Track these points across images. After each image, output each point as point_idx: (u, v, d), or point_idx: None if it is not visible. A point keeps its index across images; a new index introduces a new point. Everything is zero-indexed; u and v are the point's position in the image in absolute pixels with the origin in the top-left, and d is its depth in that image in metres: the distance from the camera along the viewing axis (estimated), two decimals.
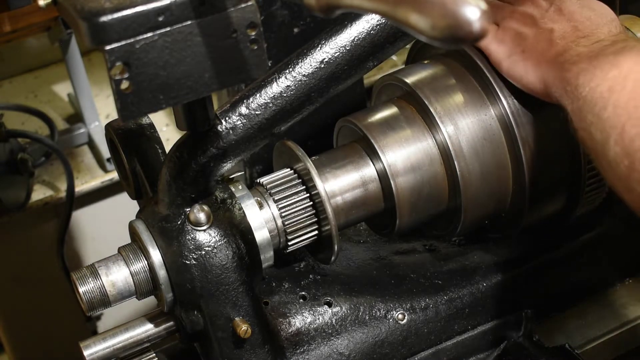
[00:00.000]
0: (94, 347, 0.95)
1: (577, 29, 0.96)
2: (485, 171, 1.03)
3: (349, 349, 1.03)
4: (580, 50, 0.92)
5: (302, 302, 1.05)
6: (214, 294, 0.92)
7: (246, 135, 0.91)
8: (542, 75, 0.96)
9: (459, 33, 0.59)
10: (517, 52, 0.99)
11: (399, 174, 1.02)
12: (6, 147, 1.80)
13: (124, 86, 0.73)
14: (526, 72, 0.98)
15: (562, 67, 0.92)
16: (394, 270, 1.11)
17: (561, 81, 0.92)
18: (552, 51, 0.95)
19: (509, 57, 1.00)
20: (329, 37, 0.95)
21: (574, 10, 0.98)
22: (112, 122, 1.00)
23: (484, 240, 1.16)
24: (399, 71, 1.11)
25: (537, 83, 0.97)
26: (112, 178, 1.94)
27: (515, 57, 0.99)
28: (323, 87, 0.94)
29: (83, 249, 2.06)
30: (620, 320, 1.12)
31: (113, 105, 1.53)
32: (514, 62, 0.99)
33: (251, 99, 0.92)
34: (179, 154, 0.90)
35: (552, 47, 0.95)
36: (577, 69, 0.89)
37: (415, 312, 1.06)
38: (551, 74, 0.94)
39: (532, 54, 0.97)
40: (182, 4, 0.72)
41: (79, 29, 0.71)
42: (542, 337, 1.09)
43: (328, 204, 0.97)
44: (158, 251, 0.92)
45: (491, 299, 1.09)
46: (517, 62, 0.99)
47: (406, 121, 1.05)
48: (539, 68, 0.96)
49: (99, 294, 0.91)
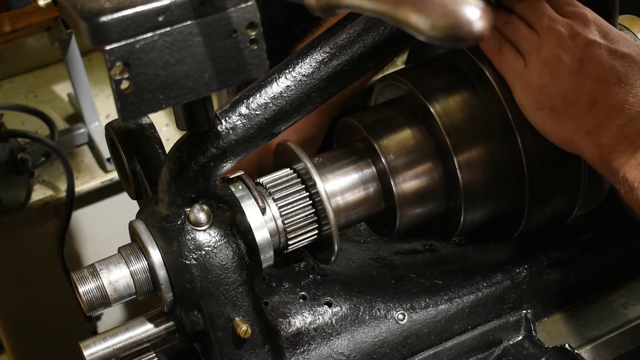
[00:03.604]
0: (94, 347, 0.95)
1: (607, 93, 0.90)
2: (485, 171, 1.03)
3: (349, 349, 1.03)
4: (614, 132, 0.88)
5: (302, 302, 1.05)
6: (214, 294, 0.92)
7: (246, 135, 0.91)
8: (575, 146, 0.93)
9: (459, 33, 0.59)
10: (545, 107, 0.94)
11: (399, 174, 1.02)
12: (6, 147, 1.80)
13: (124, 86, 0.73)
14: (554, 132, 0.94)
15: (602, 151, 0.89)
16: (394, 270, 1.11)
17: (603, 164, 0.89)
18: (583, 125, 0.91)
19: (536, 110, 0.95)
20: (329, 37, 0.95)
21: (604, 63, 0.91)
22: (112, 122, 1.00)
23: (484, 240, 1.16)
24: (399, 71, 1.11)
25: (568, 146, 0.94)
26: (112, 178, 1.95)
27: (544, 113, 0.94)
28: (323, 87, 0.94)
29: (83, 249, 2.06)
30: (620, 320, 1.12)
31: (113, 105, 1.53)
32: (541, 116, 0.95)
33: (251, 99, 0.92)
34: (179, 154, 0.90)
35: (583, 120, 0.91)
36: (619, 160, 0.87)
37: (415, 312, 1.06)
38: (588, 150, 0.91)
39: (562, 118, 0.93)
40: (182, 4, 0.72)
41: (79, 29, 0.71)
42: (542, 337, 1.09)
43: (328, 204, 0.97)
44: (158, 251, 0.92)
45: (491, 299, 1.09)
46: (545, 120, 0.95)
47: (406, 121, 1.05)
48: (572, 139, 0.93)
49: (99, 294, 0.91)
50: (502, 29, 0.99)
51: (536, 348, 1.08)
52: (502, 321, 1.10)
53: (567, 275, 1.14)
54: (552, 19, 0.96)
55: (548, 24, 0.96)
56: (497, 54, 0.99)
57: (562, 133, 0.95)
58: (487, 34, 0.59)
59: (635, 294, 1.15)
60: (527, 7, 0.99)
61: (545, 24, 0.96)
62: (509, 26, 0.99)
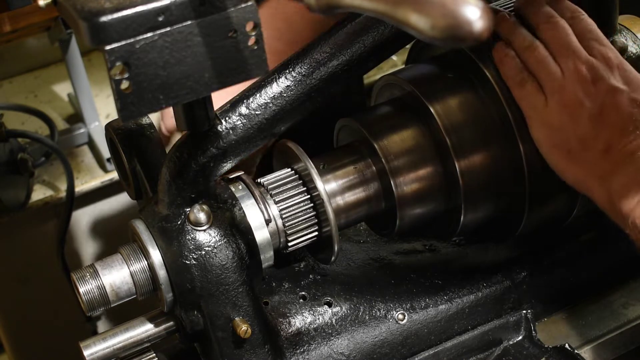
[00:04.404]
0: (94, 347, 0.95)
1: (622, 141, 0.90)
2: (485, 171, 1.03)
3: (349, 349, 1.03)
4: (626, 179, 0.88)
5: (302, 302, 1.05)
6: (214, 294, 0.92)
7: (246, 135, 0.91)
8: (586, 188, 0.93)
9: (459, 33, 0.59)
10: (562, 148, 0.94)
11: (399, 174, 1.02)
12: (6, 147, 1.80)
13: (124, 86, 0.73)
14: (567, 172, 0.95)
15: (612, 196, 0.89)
16: (394, 270, 1.11)
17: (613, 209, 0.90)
18: (597, 169, 0.91)
19: (552, 148, 0.95)
20: (329, 37, 0.95)
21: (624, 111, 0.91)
22: (112, 122, 1.00)
23: (484, 240, 1.16)
24: (399, 71, 1.11)
25: (578, 187, 0.95)
26: (112, 178, 1.94)
27: (560, 153, 0.95)
28: (323, 87, 0.94)
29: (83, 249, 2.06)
30: (620, 320, 1.12)
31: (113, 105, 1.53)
32: (556, 156, 0.95)
33: (251, 99, 0.92)
34: (179, 154, 0.90)
35: (597, 164, 0.91)
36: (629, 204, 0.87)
37: (415, 312, 1.06)
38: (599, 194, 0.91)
39: (576, 161, 0.93)
40: (182, 4, 0.72)
41: (79, 29, 0.71)
42: (542, 337, 1.09)
43: (328, 204, 0.97)
44: (158, 251, 0.92)
45: (491, 299, 1.09)
46: (560, 160, 0.95)
47: (406, 121, 1.05)
48: (584, 181, 0.93)
49: (99, 294, 0.91)
50: (524, 55, 0.98)
51: (536, 348, 1.08)
52: (502, 321, 1.10)
53: (567, 275, 1.14)
54: (578, 58, 0.95)
55: (574, 64, 0.95)
56: (518, 88, 0.98)
57: (574, 174, 0.95)
58: (487, 34, 0.59)
59: (635, 294, 1.15)
60: (554, 36, 0.97)
61: (570, 65, 0.95)
62: (532, 55, 0.97)
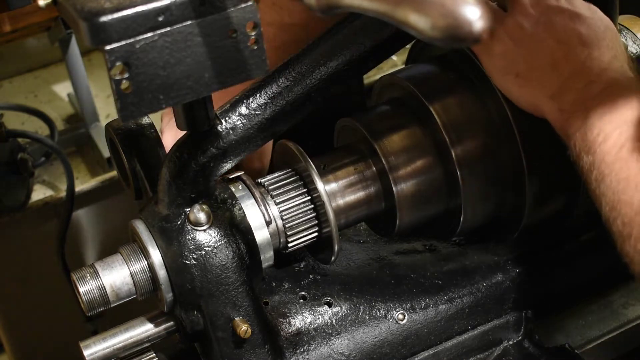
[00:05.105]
0: (94, 347, 0.95)
1: (568, 56, 0.91)
2: (485, 171, 1.03)
3: (349, 349, 1.03)
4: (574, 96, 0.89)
5: (302, 302, 1.05)
6: (214, 294, 0.92)
7: (246, 135, 0.91)
8: (540, 110, 0.94)
9: (459, 33, 0.59)
10: (510, 72, 0.95)
11: (399, 174, 1.02)
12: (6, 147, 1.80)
13: (124, 86, 0.73)
14: (520, 97, 0.96)
15: (562, 116, 0.90)
16: (394, 270, 1.11)
17: (562, 130, 0.91)
18: (546, 88, 0.92)
19: (502, 76, 0.97)
20: (329, 37, 0.95)
21: (565, 26, 0.93)
22: (112, 122, 1.00)
23: (484, 240, 1.16)
24: (399, 71, 1.11)
25: (533, 111, 0.95)
26: (112, 178, 1.95)
27: (509, 78, 0.96)
28: (323, 87, 0.94)
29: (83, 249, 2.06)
30: (620, 320, 1.12)
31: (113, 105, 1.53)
32: (507, 82, 0.96)
33: (251, 99, 0.92)
34: (179, 154, 0.90)
35: (546, 83, 0.92)
36: (574, 125, 0.88)
37: (415, 312, 1.06)
38: (552, 114, 0.92)
39: (526, 83, 0.94)
40: (182, 4, 0.72)
41: (79, 29, 0.71)
42: (542, 337, 1.09)
43: (328, 205, 0.97)
44: (158, 251, 0.92)
45: (491, 299, 1.09)
46: (511, 86, 0.96)
47: (406, 121, 1.05)
48: (536, 103, 0.94)
49: (99, 294, 0.91)
50: None
51: (536, 348, 1.08)
52: (502, 321, 1.10)
53: (567, 275, 1.14)
54: None
55: None
56: None
57: (527, 98, 0.95)
58: (487, 34, 0.59)
59: (635, 294, 1.15)
60: None
61: None
62: None
